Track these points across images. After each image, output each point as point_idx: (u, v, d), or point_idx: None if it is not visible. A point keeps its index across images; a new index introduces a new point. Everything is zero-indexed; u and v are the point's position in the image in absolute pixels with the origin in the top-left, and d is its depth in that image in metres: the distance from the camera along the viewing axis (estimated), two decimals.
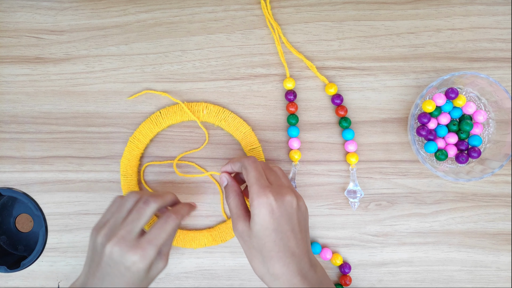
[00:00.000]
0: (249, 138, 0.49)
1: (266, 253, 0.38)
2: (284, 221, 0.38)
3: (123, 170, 0.49)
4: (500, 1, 0.50)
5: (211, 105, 0.49)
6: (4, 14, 0.51)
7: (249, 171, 0.40)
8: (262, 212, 0.37)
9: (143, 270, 0.38)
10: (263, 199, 0.38)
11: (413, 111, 0.46)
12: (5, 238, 0.52)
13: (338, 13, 0.50)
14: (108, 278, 0.38)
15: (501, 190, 0.49)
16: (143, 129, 0.49)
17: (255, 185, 0.39)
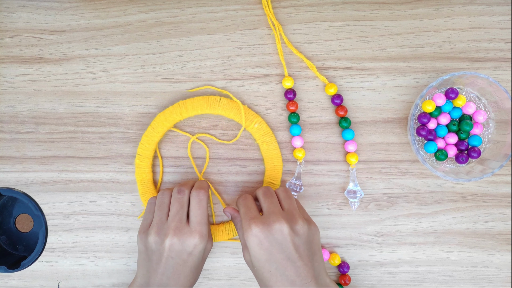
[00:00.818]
0: (275, 172, 0.49)
1: (266, 283, 0.39)
2: (276, 251, 0.38)
3: (154, 123, 0.48)
4: (500, 1, 0.50)
5: (264, 123, 0.49)
6: (4, 14, 0.51)
7: (239, 208, 0.42)
8: (251, 245, 0.39)
9: (202, 251, 0.41)
10: (248, 232, 0.39)
11: (413, 111, 0.46)
12: (5, 238, 0.52)
13: (338, 13, 0.50)
14: (172, 270, 0.40)
15: (501, 190, 0.49)
16: (195, 102, 0.48)
17: (243, 220, 0.41)
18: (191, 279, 0.42)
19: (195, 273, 0.43)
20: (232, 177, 0.50)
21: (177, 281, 0.41)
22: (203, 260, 0.44)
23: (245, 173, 0.50)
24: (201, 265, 0.43)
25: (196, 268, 0.42)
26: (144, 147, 0.49)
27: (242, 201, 0.43)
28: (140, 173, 0.49)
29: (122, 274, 0.50)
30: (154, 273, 0.41)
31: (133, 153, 0.50)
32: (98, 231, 0.50)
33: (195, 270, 0.42)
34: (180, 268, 0.41)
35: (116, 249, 0.50)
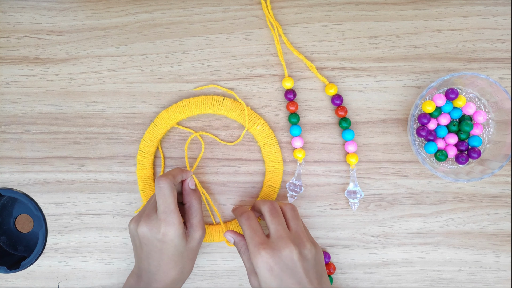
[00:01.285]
0: (276, 175, 0.49)
1: None
2: (287, 276, 0.38)
3: (158, 120, 0.49)
4: (500, 1, 0.50)
5: (267, 125, 0.49)
6: (4, 15, 0.51)
7: (244, 230, 0.41)
8: (261, 272, 0.38)
9: (176, 238, 0.41)
10: (258, 259, 0.38)
11: (413, 111, 0.46)
12: (5, 238, 0.52)
13: (338, 13, 0.50)
14: (151, 257, 0.42)
15: (501, 190, 0.49)
16: (199, 101, 0.49)
17: (250, 244, 0.39)
18: (176, 268, 0.42)
19: (180, 262, 0.42)
20: (232, 177, 0.50)
21: (157, 267, 0.42)
22: (192, 250, 0.43)
23: (245, 174, 0.50)
24: (188, 254, 0.42)
25: (177, 256, 0.42)
26: (147, 143, 0.49)
27: (245, 221, 0.42)
28: (141, 169, 0.49)
29: (122, 275, 0.50)
30: (140, 260, 0.43)
31: (133, 153, 0.50)
32: (98, 232, 0.50)
33: (178, 258, 0.42)
34: (157, 255, 0.41)
35: (116, 249, 0.50)
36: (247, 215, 0.42)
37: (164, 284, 0.42)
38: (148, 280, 0.42)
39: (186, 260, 0.43)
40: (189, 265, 0.43)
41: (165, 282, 0.42)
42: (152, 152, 0.49)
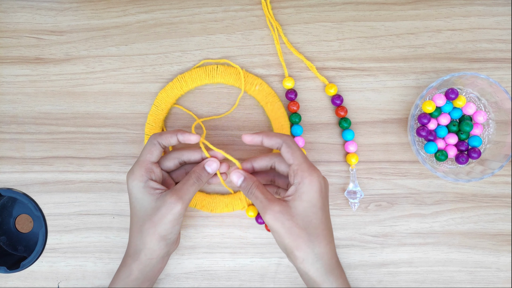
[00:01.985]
0: (284, 131, 0.49)
1: (313, 231, 0.38)
2: (327, 201, 0.40)
3: (157, 101, 0.49)
4: (500, 1, 0.50)
5: (265, 84, 0.49)
6: (4, 15, 0.51)
7: (295, 149, 0.40)
8: (313, 190, 0.38)
9: (135, 188, 0.40)
10: (315, 177, 0.38)
11: (413, 111, 0.46)
12: (5, 238, 0.52)
13: (338, 13, 0.50)
14: (131, 208, 0.42)
15: (501, 190, 0.49)
16: (194, 74, 0.49)
17: (305, 163, 0.39)
18: (136, 227, 0.41)
19: (143, 228, 0.40)
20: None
21: (130, 231, 0.42)
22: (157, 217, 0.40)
23: None
24: (153, 221, 0.40)
25: (141, 219, 0.40)
26: (151, 126, 0.49)
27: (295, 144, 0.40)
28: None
29: None
30: None
31: (133, 153, 0.50)
32: (98, 232, 0.50)
33: (141, 222, 0.40)
34: (130, 214, 0.42)
35: (116, 249, 0.50)
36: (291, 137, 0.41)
37: (129, 241, 0.42)
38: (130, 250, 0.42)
39: (147, 220, 0.40)
40: (150, 227, 0.40)
41: (130, 242, 0.42)
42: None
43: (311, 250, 0.38)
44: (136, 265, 0.42)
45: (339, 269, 0.40)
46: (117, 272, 0.43)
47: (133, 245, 0.42)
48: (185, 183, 0.41)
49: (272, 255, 0.50)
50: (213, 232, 0.50)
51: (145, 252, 0.41)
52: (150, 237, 0.40)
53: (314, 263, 0.38)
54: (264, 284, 0.50)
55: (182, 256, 0.50)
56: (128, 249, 0.43)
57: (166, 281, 0.50)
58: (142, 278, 0.42)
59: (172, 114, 0.50)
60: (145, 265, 0.42)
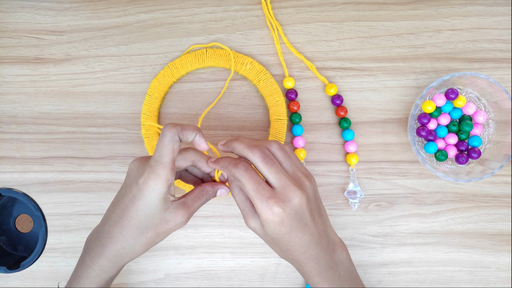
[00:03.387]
0: (279, 107, 0.49)
1: (283, 247, 0.38)
2: (296, 223, 0.37)
3: (150, 90, 0.49)
4: (500, 1, 0.50)
5: (256, 62, 0.49)
6: (4, 15, 0.51)
7: (244, 183, 0.36)
8: (271, 225, 0.36)
9: (154, 193, 0.36)
10: (268, 215, 0.36)
11: (413, 111, 0.46)
12: (5, 238, 0.52)
13: (338, 13, 0.50)
14: (121, 201, 0.37)
15: (501, 190, 0.49)
16: (184, 59, 0.49)
17: (255, 198, 0.36)
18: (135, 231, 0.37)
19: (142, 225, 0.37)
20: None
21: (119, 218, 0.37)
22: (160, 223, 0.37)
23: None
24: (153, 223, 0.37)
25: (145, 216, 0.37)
26: (146, 116, 0.49)
27: (244, 173, 0.37)
28: (149, 142, 0.49)
29: (122, 275, 0.50)
30: (111, 203, 0.39)
31: (133, 153, 0.50)
32: None
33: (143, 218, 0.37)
34: (127, 202, 0.37)
35: None
36: (244, 166, 0.37)
37: (114, 242, 0.37)
38: (101, 230, 0.38)
39: (150, 229, 0.37)
40: (149, 238, 0.38)
41: (116, 240, 0.37)
42: (155, 122, 0.49)
43: (286, 256, 0.40)
44: (115, 268, 0.39)
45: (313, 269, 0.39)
46: (85, 273, 0.39)
47: (118, 248, 0.38)
48: (197, 201, 0.39)
49: (272, 255, 0.50)
50: (213, 232, 0.50)
51: (130, 256, 0.38)
52: (145, 245, 0.38)
53: (293, 264, 0.40)
54: (264, 284, 0.50)
55: (182, 256, 0.50)
56: (108, 251, 0.38)
57: (166, 281, 0.50)
58: (114, 276, 0.41)
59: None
60: (122, 266, 0.39)
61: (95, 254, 0.38)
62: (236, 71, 0.49)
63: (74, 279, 0.40)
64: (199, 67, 0.50)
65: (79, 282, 0.39)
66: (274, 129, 0.49)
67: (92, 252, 0.39)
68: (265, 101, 0.50)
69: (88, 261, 0.39)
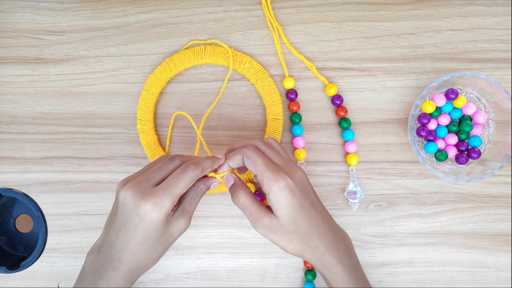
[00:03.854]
0: (276, 107, 0.49)
1: (302, 230, 0.39)
2: (304, 197, 0.38)
3: (147, 85, 0.49)
4: (500, 2, 0.50)
5: (254, 61, 0.49)
6: (4, 15, 0.51)
7: (255, 159, 0.38)
8: (285, 196, 0.37)
9: (158, 222, 0.36)
10: (282, 183, 0.37)
11: (413, 111, 0.46)
12: (5, 238, 0.52)
13: (338, 14, 0.50)
14: (123, 230, 0.37)
15: (501, 191, 0.49)
16: (182, 55, 0.49)
17: (267, 171, 0.37)
18: (145, 252, 0.38)
19: (151, 247, 0.38)
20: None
21: (125, 245, 0.37)
22: (168, 237, 0.38)
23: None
24: (162, 241, 0.38)
25: (152, 240, 0.37)
26: (143, 111, 0.49)
27: (253, 152, 0.39)
28: (144, 137, 0.49)
29: None
30: (109, 228, 0.38)
31: (133, 154, 0.50)
32: (98, 232, 0.50)
33: (152, 243, 0.37)
34: (130, 231, 0.37)
35: None
36: (252, 146, 0.40)
37: (126, 266, 0.38)
38: (109, 255, 0.38)
39: (158, 247, 0.38)
40: (160, 253, 0.39)
41: (128, 264, 0.38)
42: (151, 118, 0.49)
43: (306, 245, 0.39)
44: (131, 282, 0.40)
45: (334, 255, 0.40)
46: None
47: (133, 269, 0.38)
48: (193, 202, 0.40)
49: (272, 255, 0.50)
50: (213, 232, 0.50)
51: (144, 270, 0.40)
52: (157, 259, 0.39)
53: (312, 254, 0.40)
54: (264, 284, 0.50)
55: (182, 256, 0.50)
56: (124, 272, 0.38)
57: (166, 281, 0.50)
58: None
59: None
60: (135, 280, 0.40)
61: (110, 277, 0.38)
62: (234, 70, 0.49)
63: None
64: (197, 64, 0.50)
65: None
66: (270, 128, 0.49)
67: (105, 276, 0.39)
68: (262, 100, 0.50)
69: (103, 284, 0.39)
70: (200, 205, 0.50)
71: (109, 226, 0.38)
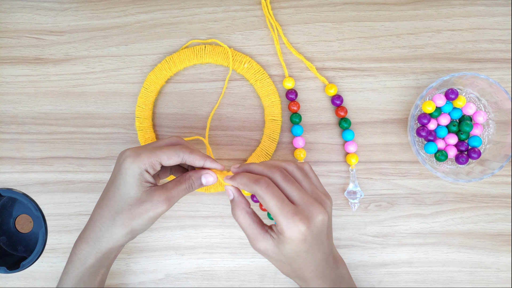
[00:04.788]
0: (274, 108, 0.49)
1: (296, 266, 0.38)
2: (313, 243, 0.37)
3: (147, 83, 0.49)
4: (500, 2, 0.50)
5: (254, 62, 0.49)
6: (4, 15, 0.51)
7: (267, 200, 0.36)
8: (294, 242, 0.36)
9: (130, 171, 0.37)
10: (294, 232, 0.35)
11: (413, 112, 0.46)
12: (5, 239, 0.52)
13: (338, 14, 0.50)
14: (106, 185, 0.39)
15: (501, 191, 0.49)
16: (182, 54, 0.49)
17: (280, 215, 0.35)
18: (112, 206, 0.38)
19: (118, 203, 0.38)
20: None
21: (107, 192, 0.39)
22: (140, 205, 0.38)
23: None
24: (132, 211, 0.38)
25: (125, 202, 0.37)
26: (141, 109, 0.49)
27: (267, 190, 0.36)
28: (142, 135, 0.49)
29: (122, 275, 0.50)
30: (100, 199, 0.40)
31: None
32: None
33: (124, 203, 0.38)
34: (113, 179, 0.38)
35: None
36: (265, 182, 0.36)
37: (92, 223, 0.39)
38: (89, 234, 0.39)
39: (125, 209, 0.38)
40: (126, 218, 0.38)
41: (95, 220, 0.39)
42: (149, 115, 0.50)
43: (295, 275, 0.39)
44: (94, 253, 0.39)
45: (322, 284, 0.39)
46: (69, 260, 0.40)
47: (95, 230, 0.39)
48: (177, 186, 0.39)
49: None
50: (213, 232, 0.50)
51: (107, 240, 0.39)
52: (121, 228, 0.38)
53: (299, 282, 0.40)
54: (264, 284, 0.50)
55: (182, 257, 0.50)
56: (87, 233, 0.39)
57: (166, 281, 0.50)
58: (98, 266, 0.40)
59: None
60: (103, 253, 0.39)
61: (77, 240, 0.39)
62: (234, 70, 0.49)
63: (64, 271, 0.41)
64: (197, 63, 0.50)
65: (64, 271, 0.40)
66: (268, 129, 0.49)
67: (76, 240, 0.40)
68: (261, 100, 0.50)
69: (72, 248, 0.40)
70: (200, 205, 0.50)
71: None
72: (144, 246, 0.50)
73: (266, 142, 0.49)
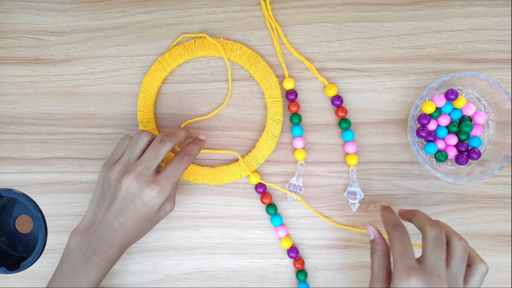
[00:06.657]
0: (273, 90, 0.49)
1: None
2: None
3: (144, 87, 0.49)
4: (500, 2, 0.50)
5: (246, 47, 0.49)
6: (4, 15, 0.51)
7: (394, 244, 0.38)
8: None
9: (157, 206, 0.41)
10: (404, 283, 0.36)
11: (412, 112, 0.46)
12: (5, 239, 0.52)
13: (338, 14, 0.50)
14: (121, 212, 0.40)
15: (501, 191, 0.49)
16: (173, 52, 0.49)
17: (397, 261, 0.37)
18: (137, 230, 0.42)
19: (143, 226, 0.42)
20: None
21: (122, 225, 0.41)
22: (156, 219, 0.43)
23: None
24: (152, 222, 0.43)
25: (145, 221, 0.41)
26: (143, 113, 0.49)
27: (399, 236, 0.39)
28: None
29: (121, 275, 0.50)
30: (103, 209, 0.41)
31: None
32: None
33: (144, 223, 0.42)
34: (130, 213, 0.40)
35: None
36: (401, 230, 0.39)
37: (120, 241, 0.41)
38: (103, 234, 0.41)
39: (148, 227, 0.43)
40: (147, 231, 0.43)
41: (122, 240, 0.41)
42: (152, 118, 0.50)
43: None
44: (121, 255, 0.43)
45: None
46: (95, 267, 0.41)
47: (124, 245, 0.42)
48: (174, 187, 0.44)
49: (271, 256, 0.50)
50: (213, 232, 0.50)
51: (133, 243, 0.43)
52: (144, 235, 0.44)
53: None
54: (263, 285, 0.50)
55: (182, 257, 0.50)
56: (117, 248, 0.41)
57: (166, 281, 0.50)
58: None
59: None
60: None
61: (103, 252, 0.41)
62: (227, 58, 0.49)
63: (77, 275, 0.41)
64: (189, 58, 0.50)
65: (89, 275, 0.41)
66: (271, 111, 0.49)
67: (99, 252, 0.41)
68: (259, 84, 0.50)
69: (97, 259, 0.41)
70: (200, 205, 0.50)
71: (104, 208, 0.41)
72: (144, 246, 0.50)
73: (271, 124, 0.49)
